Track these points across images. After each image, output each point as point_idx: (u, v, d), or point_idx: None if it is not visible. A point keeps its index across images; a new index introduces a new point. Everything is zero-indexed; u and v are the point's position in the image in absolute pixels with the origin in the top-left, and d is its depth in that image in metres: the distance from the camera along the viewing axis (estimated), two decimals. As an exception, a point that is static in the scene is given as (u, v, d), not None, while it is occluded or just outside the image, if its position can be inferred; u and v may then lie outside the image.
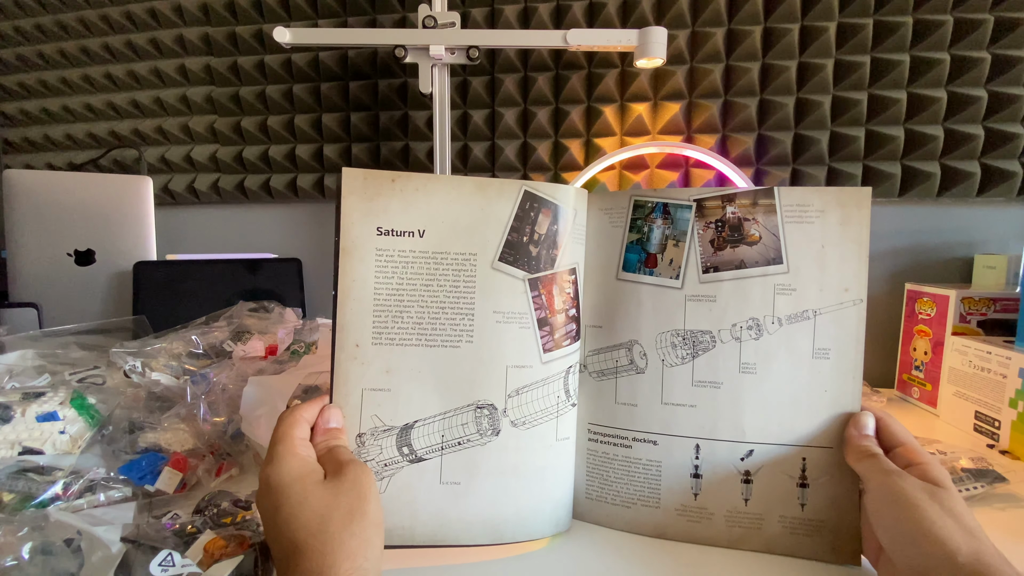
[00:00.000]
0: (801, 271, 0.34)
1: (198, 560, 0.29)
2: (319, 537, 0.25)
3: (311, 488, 0.27)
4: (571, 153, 0.78)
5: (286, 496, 0.27)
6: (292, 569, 0.25)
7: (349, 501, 0.27)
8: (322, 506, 0.27)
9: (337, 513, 0.26)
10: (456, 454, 0.33)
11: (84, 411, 0.44)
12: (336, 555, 0.25)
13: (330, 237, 0.91)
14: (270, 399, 0.43)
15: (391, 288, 0.33)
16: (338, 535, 0.25)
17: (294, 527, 0.26)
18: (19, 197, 0.75)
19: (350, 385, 0.32)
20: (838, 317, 0.33)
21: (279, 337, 0.59)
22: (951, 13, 0.66)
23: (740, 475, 0.34)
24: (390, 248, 0.33)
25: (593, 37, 0.64)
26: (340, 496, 0.27)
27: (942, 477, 0.29)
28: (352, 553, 0.25)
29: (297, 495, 0.27)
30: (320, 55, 0.84)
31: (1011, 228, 0.69)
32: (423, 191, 0.33)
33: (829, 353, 0.33)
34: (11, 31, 0.97)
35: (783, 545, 0.34)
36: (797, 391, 0.34)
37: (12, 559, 0.27)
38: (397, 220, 0.33)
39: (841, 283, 0.33)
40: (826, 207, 0.34)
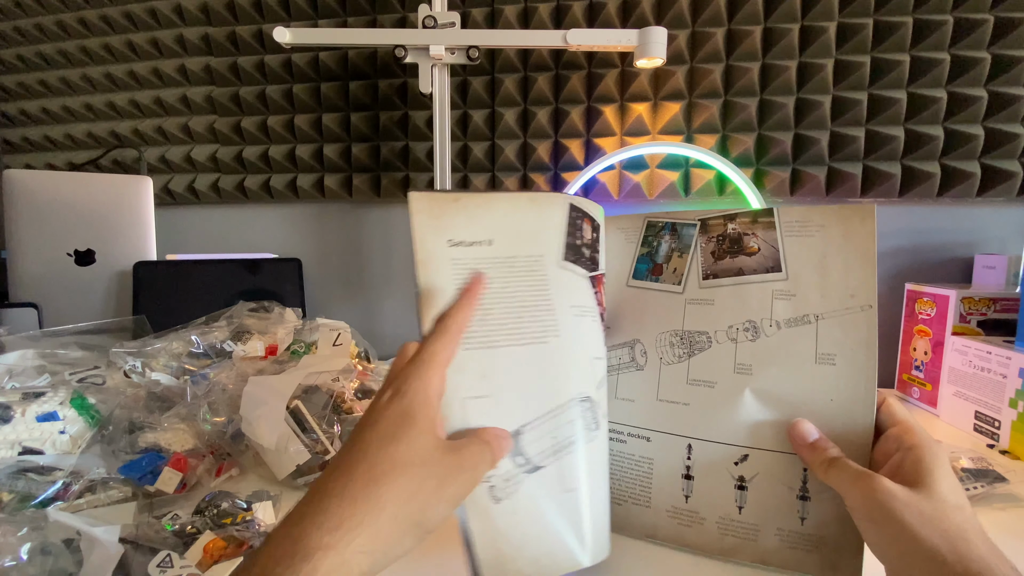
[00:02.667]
0: (801, 278, 0.34)
1: (197, 561, 0.29)
2: (369, 485, 0.22)
3: (415, 434, 0.24)
4: (571, 153, 0.78)
5: (393, 417, 0.25)
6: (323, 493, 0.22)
7: (426, 483, 0.24)
8: (406, 458, 0.23)
9: (407, 479, 0.23)
10: (569, 456, 0.31)
11: (84, 411, 0.44)
12: (367, 516, 0.22)
13: (330, 237, 0.91)
14: (270, 399, 0.43)
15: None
16: (385, 498, 0.22)
17: (365, 451, 0.23)
18: (19, 197, 0.75)
19: (449, 397, 0.30)
20: (844, 323, 0.33)
21: (279, 337, 0.59)
22: (951, 13, 0.66)
23: (734, 480, 0.33)
24: (463, 257, 0.33)
25: (593, 37, 0.64)
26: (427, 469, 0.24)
27: (927, 468, 0.26)
28: (377, 531, 0.22)
29: (400, 427, 0.24)
30: (320, 55, 0.84)
31: (1011, 228, 0.69)
32: (484, 207, 0.34)
33: (835, 359, 0.32)
34: (11, 31, 0.97)
35: (779, 559, 0.32)
36: (798, 397, 0.33)
37: (11, 559, 0.27)
38: (465, 233, 0.34)
39: (846, 289, 0.33)
40: (827, 222, 0.34)
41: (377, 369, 0.57)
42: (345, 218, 0.90)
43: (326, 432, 0.43)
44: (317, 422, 0.43)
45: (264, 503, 0.36)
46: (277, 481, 0.43)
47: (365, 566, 0.22)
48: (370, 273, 0.90)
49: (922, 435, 0.28)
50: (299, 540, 0.21)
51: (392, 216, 0.88)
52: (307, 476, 0.43)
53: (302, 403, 0.43)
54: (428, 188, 0.85)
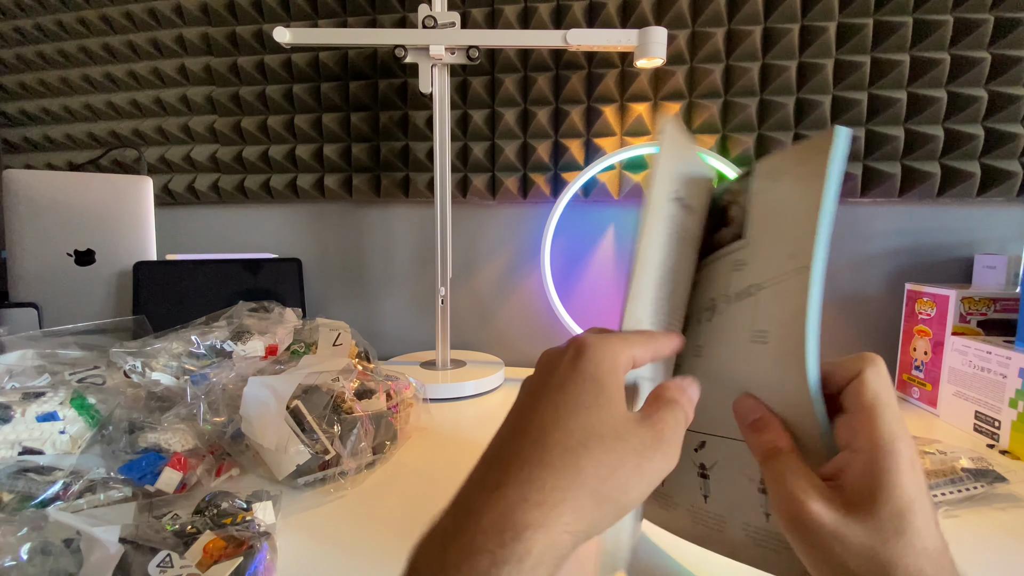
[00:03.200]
0: (757, 242, 0.29)
1: (197, 561, 0.29)
2: (567, 456, 0.20)
3: (604, 402, 0.22)
4: (571, 153, 0.78)
5: (580, 383, 0.22)
6: (519, 459, 0.20)
7: (627, 457, 0.21)
8: (602, 428, 0.21)
9: (606, 451, 0.21)
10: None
11: (84, 411, 0.44)
12: (568, 492, 0.20)
13: (330, 237, 0.91)
14: (270, 399, 0.43)
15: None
16: (586, 472, 0.20)
17: (557, 421, 0.21)
18: (19, 197, 0.75)
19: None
20: (778, 292, 0.26)
21: (279, 337, 0.59)
22: (951, 13, 0.66)
23: (696, 468, 0.31)
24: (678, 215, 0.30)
25: (593, 37, 0.64)
26: (625, 441, 0.21)
27: (875, 484, 0.22)
28: (581, 509, 0.20)
29: (590, 394, 0.22)
30: (320, 55, 0.84)
31: (1011, 228, 0.69)
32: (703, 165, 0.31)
33: (767, 336, 0.26)
34: (11, 31, 0.97)
35: (747, 555, 0.29)
36: (738, 380, 0.28)
37: (11, 559, 0.27)
38: (688, 190, 0.30)
39: (787, 249, 0.26)
40: (787, 166, 0.28)
41: (377, 369, 0.57)
42: (345, 218, 0.90)
43: (326, 432, 0.43)
44: (317, 422, 0.43)
45: (264, 503, 0.36)
46: (277, 481, 0.43)
47: (568, 548, 0.19)
48: (370, 273, 0.90)
49: (881, 432, 0.22)
50: (505, 514, 0.19)
51: (392, 216, 0.88)
52: (307, 476, 0.43)
53: (302, 403, 0.43)
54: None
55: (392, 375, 0.55)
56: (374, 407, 0.48)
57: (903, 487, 0.21)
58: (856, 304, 0.74)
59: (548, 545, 0.19)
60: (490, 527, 0.19)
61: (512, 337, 0.86)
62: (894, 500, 0.21)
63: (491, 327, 0.86)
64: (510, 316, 0.85)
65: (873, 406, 0.23)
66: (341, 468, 0.43)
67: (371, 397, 0.49)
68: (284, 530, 0.37)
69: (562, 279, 0.81)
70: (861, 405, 0.23)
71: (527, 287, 0.84)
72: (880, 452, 0.22)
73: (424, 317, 0.89)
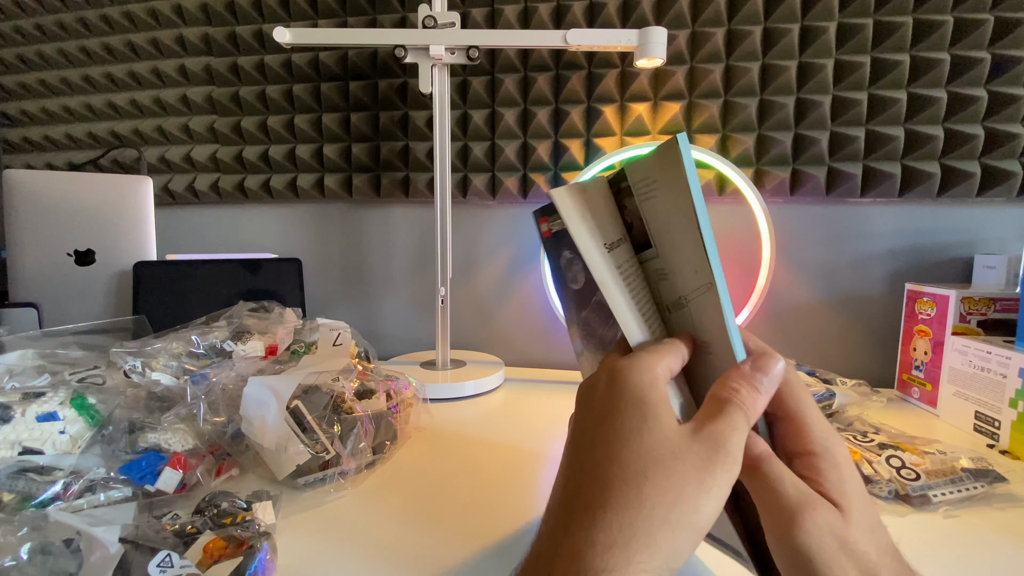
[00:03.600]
0: (664, 254, 0.28)
1: (197, 561, 0.29)
2: (628, 489, 0.20)
3: (654, 421, 0.21)
4: (571, 153, 0.78)
5: (624, 408, 0.22)
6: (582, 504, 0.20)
7: (689, 473, 0.20)
8: (659, 449, 0.20)
9: (667, 475, 0.20)
10: None
11: (84, 411, 0.44)
12: (637, 527, 0.19)
13: (330, 237, 0.91)
14: (270, 399, 0.43)
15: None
16: (651, 501, 0.19)
17: (610, 453, 0.21)
18: (19, 197, 0.75)
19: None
20: (700, 305, 0.27)
21: (279, 337, 0.59)
22: (951, 13, 0.66)
23: None
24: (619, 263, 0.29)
25: (593, 37, 0.64)
26: (683, 457, 0.20)
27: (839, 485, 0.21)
28: (654, 542, 0.19)
29: (638, 417, 0.21)
30: (320, 55, 0.84)
31: (1011, 228, 0.69)
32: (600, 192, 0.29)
33: (710, 347, 0.27)
34: (11, 31, 0.97)
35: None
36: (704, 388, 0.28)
37: (11, 559, 0.27)
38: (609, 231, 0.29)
39: (690, 264, 0.26)
40: (653, 173, 0.27)
41: (377, 369, 0.57)
42: (345, 218, 0.90)
43: (326, 432, 0.43)
44: (317, 422, 0.43)
45: (264, 503, 0.36)
46: (277, 481, 0.43)
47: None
48: (370, 273, 0.90)
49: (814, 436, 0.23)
50: (575, 560, 0.18)
51: (392, 216, 0.88)
52: (307, 476, 0.43)
53: (302, 403, 0.43)
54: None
55: (392, 375, 0.55)
56: (374, 407, 0.48)
57: (852, 483, 0.22)
58: (856, 304, 0.74)
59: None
60: (560, 574, 0.18)
61: (512, 337, 0.86)
62: (859, 498, 0.22)
63: (491, 327, 0.86)
64: (510, 316, 0.85)
65: (797, 410, 0.23)
66: (341, 468, 0.43)
67: (371, 397, 0.49)
68: (284, 530, 0.37)
69: (562, 279, 0.81)
70: (785, 411, 0.24)
71: (527, 287, 0.84)
72: (820, 454, 0.22)
73: (424, 317, 0.89)
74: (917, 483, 0.40)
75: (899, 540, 0.23)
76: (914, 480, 0.40)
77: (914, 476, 0.41)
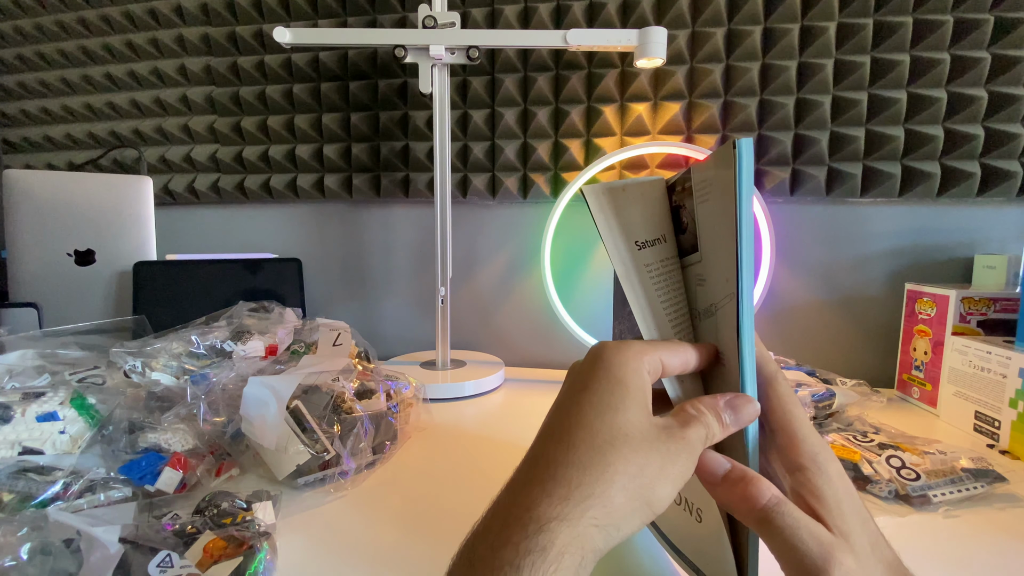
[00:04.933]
0: (707, 259, 0.28)
1: (197, 561, 0.29)
2: (594, 454, 0.21)
3: (631, 404, 0.22)
4: (571, 153, 0.78)
5: (602, 386, 0.23)
6: (545, 460, 0.21)
7: (652, 456, 0.21)
8: (628, 428, 0.22)
9: (633, 450, 0.21)
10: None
11: (84, 411, 0.44)
12: (596, 487, 0.20)
13: (330, 237, 0.91)
14: (270, 399, 0.43)
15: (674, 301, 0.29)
16: (614, 467, 0.21)
17: (581, 421, 0.22)
18: (19, 197, 0.75)
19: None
20: (722, 316, 0.26)
21: (279, 337, 0.59)
22: (951, 13, 0.66)
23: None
24: (652, 261, 0.29)
25: (593, 37, 0.64)
26: (651, 443, 0.22)
27: (834, 506, 0.22)
28: (609, 502, 0.20)
29: (614, 396, 0.22)
30: (320, 55, 0.84)
31: (1011, 228, 0.69)
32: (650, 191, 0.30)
33: (725, 358, 0.26)
34: (11, 31, 0.97)
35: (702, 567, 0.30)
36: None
37: (11, 559, 0.27)
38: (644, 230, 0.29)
39: (723, 272, 0.26)
40: (711, 176, 0.26)
41: (377, 369, 0.57)
42: (345, 218, 0.90)
43: (326, 432, 0.43)
44: (317, 422, 0.43)
45: (264, 503, 0.36)
46: (277, 481, 0.43)
47: (599, 541, 0.20)
48: (370, 273, 0.90)
49: (804, 451, 0.23)
50: (530, 508, 0.20)
51: (392, 216, 0.88)
52: (307, 476, 0.43)
53: (302, 403, 0.43)
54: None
55: (392, 375, 0.55)
56: (374, 407, 0.48)
57: (847, 503, 0.22)
58: (856, 304, 0.74)
59: (573, 537, 0.19)
60: (515, 521, 0.20)
61: (512, 337, 0.86)
62: (856, 517, 0.22)
63: (491, 327, 0.86)
64: (510, 316, 0.85)
65: (788, 423, 0.24)
66: (341, 468, 0.43)
67: (371, 397, 0.49)
68: (284, 530, 0.37)
69: (562, 279, 0.81)
70: (777, 423, 0.24)
71: (527, 287, 0.84)
72: (812, 470, 0.23)
73: (424, 317, 0.89)
74: (917, 483, 0.40)
75: (898, 540, 0.23)
76: (914, 480, 0.40)
77: (914, 476, 0.41)
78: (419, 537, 0.37)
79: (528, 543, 0.19)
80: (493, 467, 0.48)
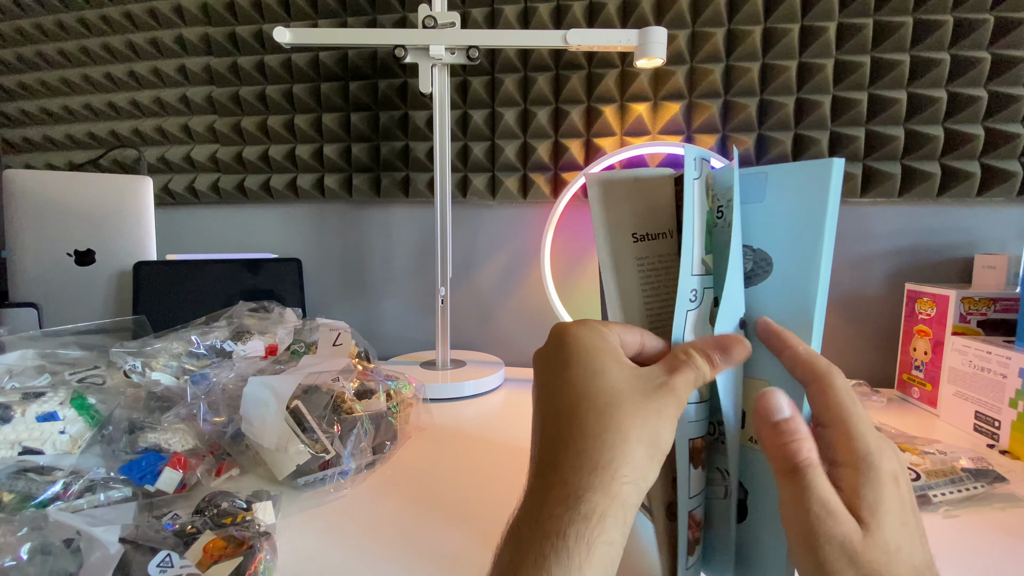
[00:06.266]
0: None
1: (197, 560, 0.29)
2: (602, 418, 0.22)
3: (611, 363, 0.24)
4: (571, 153, 0.78)
5: (579, 357, 0.24)
6: (562, 440, 0.22)
7: (649, 404, 0.23)
8: (621, 384, 0.23)
9: (632, 403, 0.22)
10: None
11: (84, 411, 0.44)
12: (616, 449, 0.21)
13: (330, 237, 0.91)
14: (270, 399, 0.43)
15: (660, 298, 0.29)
16: (624, 425, 0.22)
17: (577, 393, 0.23)
18: (19, 197, 0.75)
19: None
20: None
21: (279, 337, 0.59)
22: (951, 13, 0.66)
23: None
24: (648, 255, 0.29)
25: (593, 37, 0.64)
26: (643, 392, 0.23)
27: (872, 502, 0.21)
28: (632, 457, 0.21)
29: (594, 362, 0.24)
30: (320, 55, 0.84)
31: (1011, 228, 0.69)
32: (664, 186, 0.30)
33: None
34: (11, 31, 0.97)
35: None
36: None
37: (11, 559, 0.27)
38: (647, 223, 0.30)
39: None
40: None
41: (377, 369, 0.57)
42: (345, 218, 0.90)
43: (326, 432, 0.43)
44: (317, 422, 0.43)
45: (264, 503, 0.36)
46: (277, 481, 0.43)
47: (633, 496, 0.21)
48: (370, 273, 0.90)
49: (856, 448, 0.22)
50: (564, 486, 0.21)
51: (392, 216, 0.88)
52: (307, 476, 0.43)
53: (302, 403, 0.43)
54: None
55: (392, 375, 0.55)
56: (374, 407, 0.48)
57: (890, 502, 0.21)
58: (856, 304, 0.74)
59: (611, 499, 0.21)
60: (553, 499, 0.21)
61: (512, 337, 0.86)
62: (889, 518, 0.21)
63: (491, 327, 0.86)
64: (510, 316, 0.85)
65: (844, 420, 0.23)
66: (341, 468, 0.43)
67: (371, 397, 0.49)
68: (284, 530, 0.37)
69: (562, 279, 0.81)
70: (831, 419, 0.23)
71: (527, 287, 0.84)
72: (861, 468, 0.22)
73: (424, 317, 0.89)
74: (917, 483, 0.40)
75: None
76: (914, 480, 0.40)
77: (914, 476, 0.41)
78: (419, 537, 0.37)
79: (570, 514, 0.20)
80: (493, 467, 0.48)
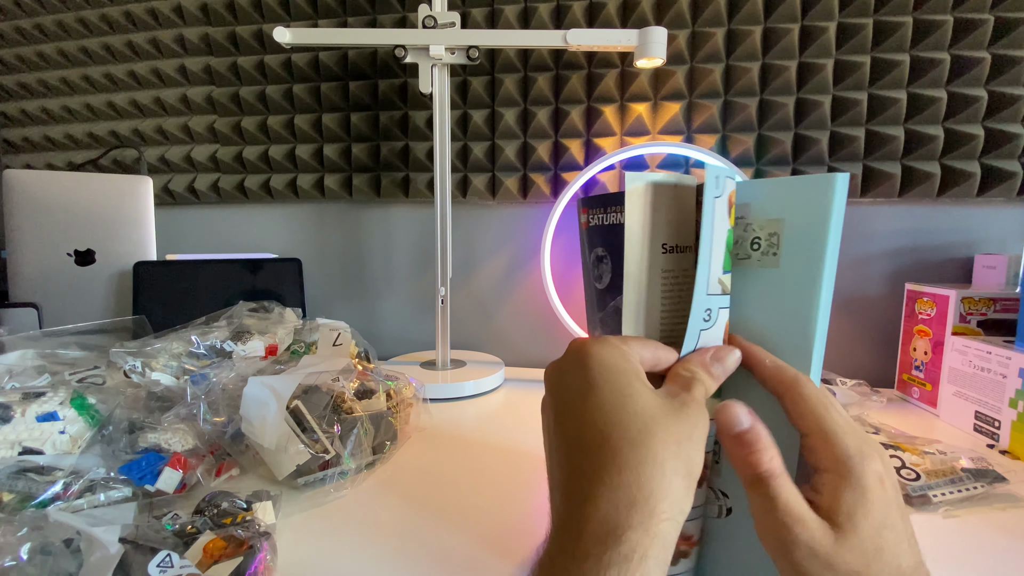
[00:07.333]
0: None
1: (197, 561, 0.29)
2: (638, 448, 0.21)
3: (639, 386, 0.23)
4: (571, 153, 0.78)
5: (605, 379, 0.23)
6: (595, 471, 0.21)
7: (681, 427, 0.22)
8: (651, 409, 0.22)
9: (664, 429, 0.21)
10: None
11: (84, 411, 0.44)
12: (655, 482, 0.20)
13: (330, 237, 0.91)
14: (270, 399, 0.43)
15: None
16: (660, 456, 0.21)
17: (607, 420, 0.21)
18: (19, 197, 0.75)
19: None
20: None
21: (279, 337, 0.59)
22: (951, 13, 0.66)
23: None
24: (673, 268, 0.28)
25: (593, 37, 0.64)
26: (673, 415, 0.22)
27: (852, 507, 0.21)
28: (671, 492, 0.20)
29: (622, 385, 0.22)
30: (320, 55, 0.84)
31: (1011, 228, 0.69)
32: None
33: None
34: (11, 31, 0.97)
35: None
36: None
37: (11, 559, 0.27)
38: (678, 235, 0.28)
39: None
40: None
41: (377, 369, 0.57)
42: (345, 218, 0.90)
43: (326, 432, 0.43)
44: (317, 422, 0.43)
45: (264, 503, 0.36)
46: (277, 481, 0.43)
47: (672, 533, 0.20)
48: (370, 273, 0.90)
49: (838, 452, 0.22)
50: (602, 523, 0.20)
51: (392, 216, 0.88)
52: (307, 476, 0.43)
53: (302, 403, 0.43)
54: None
55: (392, 375, 0.55)
56: (374, 407, 0.48)
57: (872, 505, 0.21)
58: (856, 304, 0.74)
59: (651, 538, 0.19)
60: (590, 537, 0.20)
61: (512, 337, 0.86)
62: (868, 521, 0.21)
63: (491, 327, 0.86)
64: (510, 316, 0.85)
65: (819, 427, 0.23)
66: (341, 468, 0.43)
67: (371, 397, 0.49)
68: (284, 530, 0.37)
69: (562, 279, 0.81)
70: (807, 428, 0.23)
71: (527, 287, 0.84)
72: (843, 472, 0.22)
73: (424, 317, 0.89)
74: (917, 483, 0.40)
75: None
76: (914, 480, 0.40)
77: (914, 476, 0.41)
78: (419, 537, 0.37)
79: (610, 554, 0.19)
80: (493, 467, 0.48)
